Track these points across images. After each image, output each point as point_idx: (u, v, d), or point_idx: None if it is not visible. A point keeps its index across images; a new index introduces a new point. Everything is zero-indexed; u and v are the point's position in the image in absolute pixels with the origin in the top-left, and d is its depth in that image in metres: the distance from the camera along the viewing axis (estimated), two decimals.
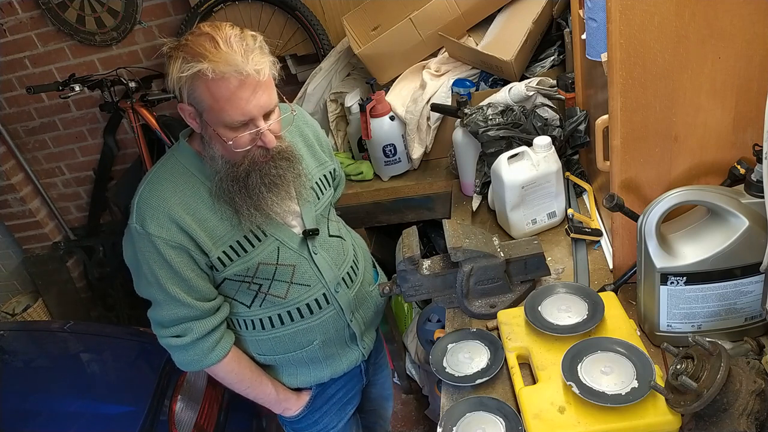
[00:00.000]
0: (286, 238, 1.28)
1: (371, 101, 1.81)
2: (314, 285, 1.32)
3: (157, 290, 1.20)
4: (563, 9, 1.76)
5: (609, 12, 0.94)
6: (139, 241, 1.18)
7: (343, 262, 1.40)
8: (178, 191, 1.18)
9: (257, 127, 1.12)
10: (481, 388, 1.07)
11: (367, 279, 1.50)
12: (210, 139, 1.15)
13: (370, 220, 2.02)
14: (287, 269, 1.28)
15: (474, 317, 1.26)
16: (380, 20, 2.00)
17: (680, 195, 0.94)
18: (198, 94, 1.07)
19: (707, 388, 0.79)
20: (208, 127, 1.12)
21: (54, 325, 2.68)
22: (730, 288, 0.97)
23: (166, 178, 1.20)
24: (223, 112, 1.08)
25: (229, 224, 1.21)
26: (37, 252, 3.22)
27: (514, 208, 1.43)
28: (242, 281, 1.26)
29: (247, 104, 1.08)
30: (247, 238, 1.23)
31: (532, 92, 1.63)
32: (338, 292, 1.36)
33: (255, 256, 1.24)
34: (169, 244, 1.16)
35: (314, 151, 1.39)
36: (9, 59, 2.77)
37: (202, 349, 1.26)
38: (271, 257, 1.26)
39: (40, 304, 3.20)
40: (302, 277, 1.30)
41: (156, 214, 1.16)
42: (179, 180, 1.20)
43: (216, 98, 1.07)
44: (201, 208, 1.19)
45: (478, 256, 1.22)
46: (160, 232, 1.16)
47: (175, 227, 1.16)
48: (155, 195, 1.18)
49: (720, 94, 0.98)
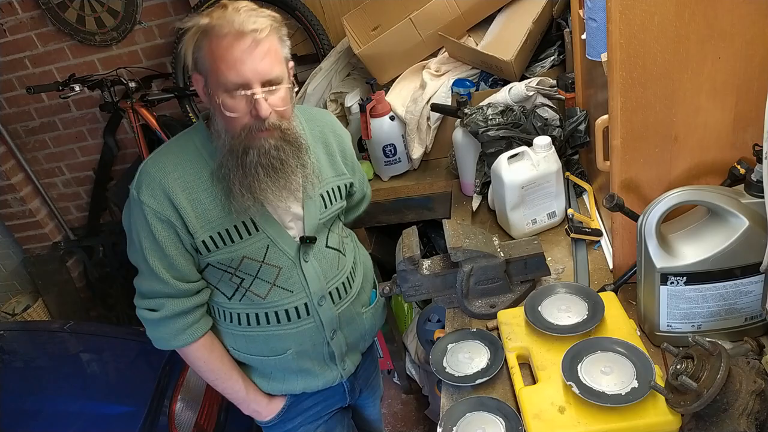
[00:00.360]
0: (279, 238, 1.25)
1: (371, 101, 1.81)
2: (297, 292, 1.29)
3: (141, 259, 1.21)
4: (563, 9, 1.76)
5: (609, 12, 0.94)
6: (133, 207, 1.19)
7: (335, 276, 1.35)
8: (180, 167, 1.18)
9: (252, 92, 1.09)
10: (481, 388, 1.07)
11: (361, 300, 1.44)
12: (214, 111, 1.14)
13: (370, 220, 2.02)
14: (272, 270, 1.25)
15: (474, 317, 1.26)
16: (380, 20, 2.00)
17: (680, 195, 0.94)
18: (202, 56, 1.09)
19: (707, 388, 0.79)
20: (212, 96, 1.11)
21: (54, 325, 2.68)
22: (730, 288, 0.97)
23: (173, 152, 1.20)
24: (219, 72, 1.07)
25: (222, 210, 1.19)
26: (37, 252, 3.22)
27: (514, 208, 1.43)
28: (225, 271, 1.25)
29: (242, 65, 1.06)
30: (236, 228, 1.21)
31: (532, 92, 1.63)
32: (321, 306, 1.32)
33: (240, 249, 1.22)
34: (157, 216, 1.16)
35: (334, 161, 1.35)
36: (9, 59, 2.77)
37: (173, 329, 1.24)
38: (258, 254, 1.23)
39: (40, 304, 3.20)
40: (286, 282, 1.27)
41: (152, 184, 1.16)
42: (186, 157, 1.19)
43: (214, 57, 1.06)
44: (199, 188, 1.18)
45: (478, 256, 1.22)
46: (151, 202, 1.16)
47: (167, 201, 1.16)
48: (157, 166, 1.18)
49: (720, 94, 0.98)
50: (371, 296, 1.50)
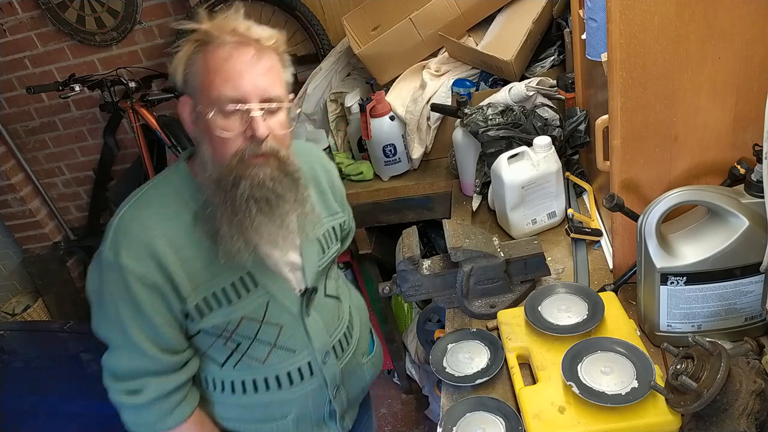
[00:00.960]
0: (280, 292, 1.10)
1: (371, 101, 1.81)
2: (300, 351, 1.14)
3: (118, 333, 1.02)
4: (563, 9, 1.76)
5: (609, 12, 0.94)
6: (108, 272, 0.99)
7: (337, 327, 1.22)
8: (165, 220, 1.01)
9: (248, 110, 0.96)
10: (481, 388, 1.07)
11: (361, 349, 1.31)
12: (202, 137, 0.99)
13: (370, 220, 2.02)
14: (273, 329, 1.10)
15: (474, 317, 1.26)
16: (380, 20, 2.00)
17: (680, 195, 0.94)
18: (194, 71, 0.96)
19: (707, 388, 0.79)
20: (200, 118, 0.97)
21: (54, 325, 2.68)
22: (730, 288, 0.97)
23: (153, 203, 1.03)
24: (212, 87, 0.94)
25: (215, 266, 1.02)
26: (37, 252, 3.22)
27: (514, 208, 1.43)
28: (219, 336, 1.08)
29: (240, 77, 0.94)
30: (234, 287, 1.05)
31: (532, 92, 1.63)
32: (326, 363, 1.17)
33: (240, 309, 1.06)
34: (142, 282, 0.98)
35: (326, 198, 1.23)
36: (9, 59, 2.77)
37: (159, 412, 1.06)
38: (258, 313, 1.08)
39: (40, 304, 3.20)
40: (288, 341, 1.12)
41: (134, 244, 0.98)
42: (169, 206, 1.02)
43: (209, 69, 0.95)
44: (187, 243, 1.01)
45: (478, 256, 1.22)
46: (135, 266, 0.97)
47: (154, 263, 0.98)
48: (138, 221, 1.00)
49: (720, 94, 0.98)
50: (370, 344, 1.38)
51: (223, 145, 0.97)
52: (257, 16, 2.38)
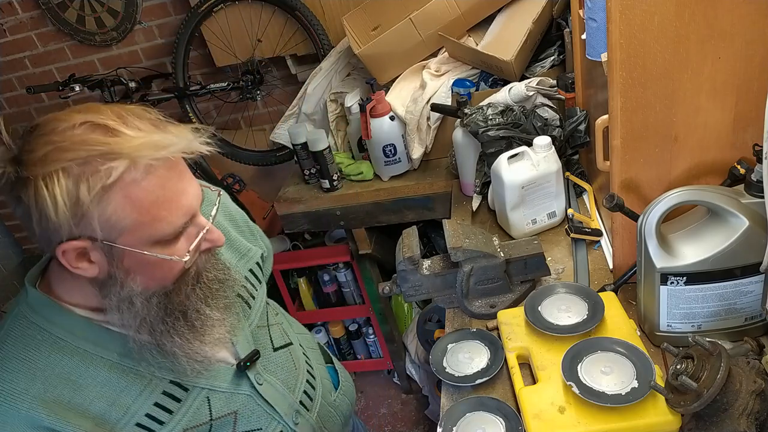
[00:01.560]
0: (216, 380, 0.93)
1: (371, 101, 1.81)
2: (267, 426, 1.00)
3: None
4: (563, 9, 1.76)
5: (609, 12, 0.94)
6: None
7: (297, 379, 1.08)
8: (37, 375, 0.79)
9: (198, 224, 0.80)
10: (481, 388, 1.07)
11: (326, 386, 1.18)
12: (126, 275, 0.78)
13: (370, 220, 2.02)
14: (227, 419, 0.94)
15: (474, 317, 1.26)
16: (380, 20, 2.00)
17: (680, 195, 0.94)
18: (110, 215, 0.71)
19: (707, 388, 0.79)
20: (125, 257, 0.76)
21: None
22: (730, 288, 0.97)
23: (13, 355, 0.79)
24: (157, 221, 0.75)
25: (128, 395, 0.84)
26: (37, 252, 3.22)
27: (514, 208, 1.43)
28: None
29: (185, 196, 0.77)
30: (159, 405, 0.87)
31: (532, 92, 1.63)
32: (298, 423, 1.04)
33: (176, 424, 0.88)
34: None
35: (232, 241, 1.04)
36: (9, 59, 2.77)
37: None
38: (201, 415, 0.91)
39: None
40: (249, 422, 0.97)
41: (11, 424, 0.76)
42: (35, 353, 0.80)
43: (145, 207, 0.73)
44: (75, 387, 0.81)
45: (478, 256, 1.22)
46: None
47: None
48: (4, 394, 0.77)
49: (720, 94, 0.98)
50: (330, 375, 1.25)
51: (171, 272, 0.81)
52: (257, 16, 2.38)
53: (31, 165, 0.69)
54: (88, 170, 0.69)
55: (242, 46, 2.43)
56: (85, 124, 0.71)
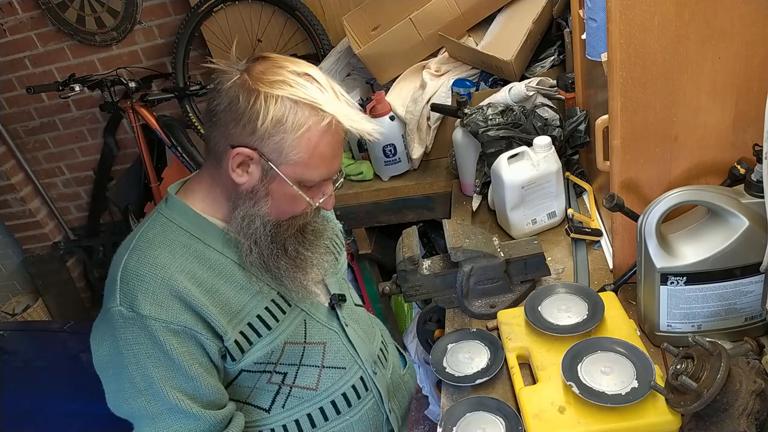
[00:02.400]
0: (312, 307, 1.04)
1: (371, 101, 1.81)
2: (350, 367, 1.07)
3: (150, 400, 0.86)
4: (563, 9, 1.76)
5: (609, 12, 0.94)
6: (125, 330, 0.86)
7: (374, 336, 1.17)
8: (176, 254, 0.91)
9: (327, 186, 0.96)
10: (481, 388, 1.07)
11: (396, 361, 1.25)
12: (265, 194, 0.92)
13: (370, 220, 2.02)
14: (317, 349, 1.02)
15: (474, 317, 1.26)
16: (380, 20, 2.00)
17: (680, 195, 0.94)
18: (290, 146, 0.87)
19: (707, 388, 0.79)
20: (274, 181, 0.91)
21: (54, 325, 2.68)
22: (730, 288, 0.97)
23: (157, 240, 0.92)
24: (314, 168, 0.91)
25: (246, 293, 0.95)
26: (37, 252, 3.22)
27: (514, 208, 1.43)
28: (263, 371, 0.98)
29: (336, 160, 0.94)
30: (269, 310, 0.97)
31: (532, 92, 1.63)
32: (376, 374, 1.11)
33: (281, 334, 0.97)
34: (170, 329, 0.86)
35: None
36: (9, 59, 2.77)
37: None
38: (298, 334, 1.00)
39: (40, 304, 3.20)
40: (335, 358, 1.05)
41: (151, 288, 0.86)
42: (176, 242, 0.92)
43: (314, 155, 0.89)
44: (209, 274, 0.92)
45: (478, 256, 1.22)
46: (158, 313, 0.85)
47: (179, 304, 0.87)
48: (146, 262, 0.88)
49: (720, 94, 0.98)
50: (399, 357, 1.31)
51: (293, 210, 0.96)
52: (257, 16, 2.38)
53: (259, 81, 0.86)
54: (298, 108, 0.86)
55: (242, 46, 2.42)
56: (305, 76, 0.89)
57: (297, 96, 0.86)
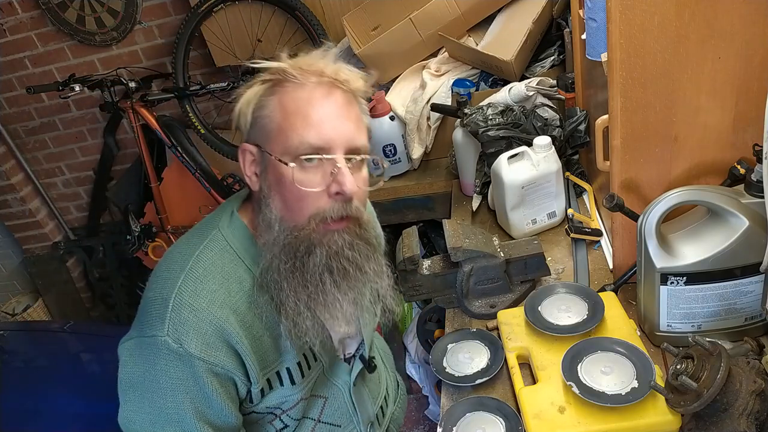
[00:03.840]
0: (331, 361, 0.98)
1: (371, 101, 1.81)
2: (345, 425, 1.02)
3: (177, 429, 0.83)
4: (563, 9, 1.76)
5: (609, 12, 0.94)
6: (167, 362, 0.80)
7: (379, 394, 1.11)
8: (231, 291, 0.84)
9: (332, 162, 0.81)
10: (481, 388, 1.07)
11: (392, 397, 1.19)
12: (271, 189, 0.84)
13: None
14: (317, 401, 0.98)
15: (474, 317, 1.26)
16: (380, 20, 2.00)
17: (680, 195, 0.94)
18: (265, 114, 0.82)
19: (707, 388, 0.79)
20: (271, 168, 0.83)
21: (54, 325, 2.68)
22: (730, 288, 0.97)
23: (216, 270, 0.84)
24: (291, 131, 0.80)
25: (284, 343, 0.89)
26: (37, 252, 3.21)
27: (514, 208, 1.43)
28: (269, 413, 0.94)
29: (323, 122, 0.81)
30: (299, 366, 0.91)
31: (532, 92, 1.63)
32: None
33: (301, 390, 0.92)
34: (213, 371, 0.82)
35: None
36: (9, 59, 2.77)
37: None
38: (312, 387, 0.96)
39: (40, 304, 3.20)
40: (333, 415, 0.99)
41: (204, 327, 0.81)
42: (232, 276, 0.85)
43: (286, 111, 0.81)
44: (255, 319, 0.86)
45: (478, 256, 1.22)
46: (206, 354, 0.80)
47: (227, 348, 0.82)
48: (203, 296, 0.82)
49: (720, 94, 0.98)
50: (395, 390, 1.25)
51: (301, 202, 0.82)
52: (257, 16, 2.38)
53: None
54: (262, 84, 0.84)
55: (242, 46, 2.42)
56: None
57: (263, 77, 0.84)
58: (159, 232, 2.66)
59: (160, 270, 0.87)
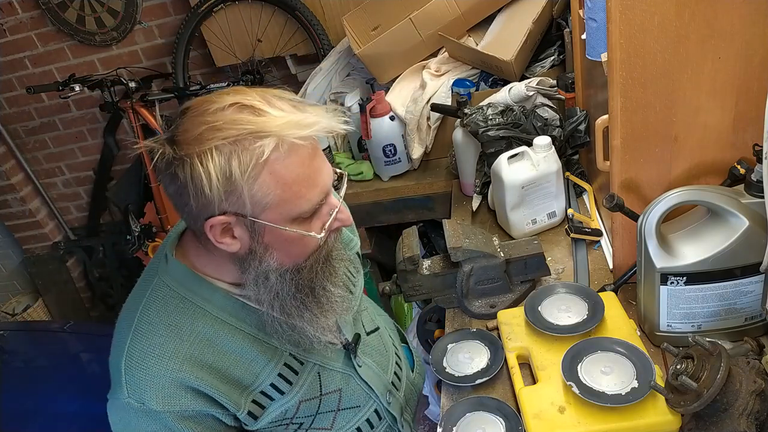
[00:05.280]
0: (326, 357, 0.99)
1: (371, 101, 1.81)
2: (364, 404, 1.06)
3: None
4: (563, 9, 1.76)
5: (609, 12, 0.94)
6: (138, 420, 0.84)
7: (388, 362, 1.14)
8: (181, 339, 0.84)
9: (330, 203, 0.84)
10: (481, 388, 1.07)
11: (407, 365, 1.24)
12: (265, 251, 0.83)
13: (370, 220, 2.02)
14: (333, 397, 1.00)
15: (474, 317, 1.26)
16: (380, 20, 2.00)
17: (680, 195, 0.94)
18: (257, 191, 0.76)
19: (707, 388, 0.79)
20: (266, 233, 0.81)
21: (54, 325, 2.69)
22: (730, 288, 0.97)
23: (162, 322, 0.85)
24: (299, 198, 0.79)
25: (257, 364, 0.90)
26: (37, 252, 3.22)
27: (514, 208, 1.43)
28: (279, 425, 0.96)
29: (321, 175, 0.81)
30: (282, 376, 0.93)
31: (532, 92, 1.63)
32: (390, 403, 1.10)
33: (294, 395, 0.94)
34: (183, 416, 0.84)
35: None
36: (9, 59, 2.77)
37: None
38: (313, 389, 0.97)
39: (40, 304, 3.20)
40: (350, 400, 1.03)
41: (159, 382, 0.82)
42: (182, 323, 0.85)
43: (288, 184, 0.77)
44: (217, 357, 0.87)
45: (478, 256, 1.22)
46: (169, 405, 0.83)
47: (190, 393, 0.84)
48: (151, 353, 0.83)
49: (720, 94, 0.98)
50: (406, 354, 1.29)
51: (305, 248, 0.85)
52: (257, 16, 2.38)
53: (186, 144, 0.75)
54: (238, 148, 0.74)
55: (242, 46, 2.43)
56: (234, 105, 0.76)
57: (231, 135, 0.74)
58: (159, 232, 2.66)
59: (115, 331, 0.89)
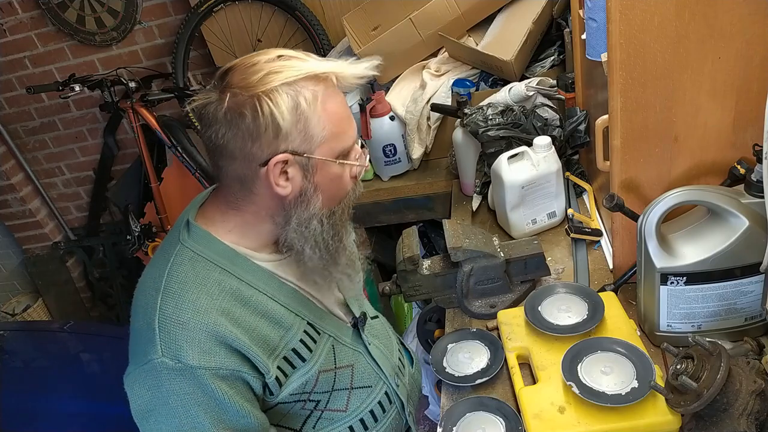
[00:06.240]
0: (338, 330, 1.02)
1: (371, 101, 1.81)
2: (376, 384, 1.07)
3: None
4: (563, 9, 1.76)
5: (609, 12, 0.94)
6: (171, 381, 0.82)
7: (393, 347, 1.17)
8: (215, 296, 0.86)
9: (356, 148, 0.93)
10: (481, 388, 1.07)
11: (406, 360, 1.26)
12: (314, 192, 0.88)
13: (370, 220, 2.02)
14: (346, 372, 1.02)
15: (474, 317, 1.26)
16: (380, 20, 2.00)
17: (680, 195, 0.94)
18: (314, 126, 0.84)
19: (707, 388, 0.79)
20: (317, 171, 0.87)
21: (54, 325, 2.69)
22: (730, 288, 0.97)
23: (190, 280, 0.86)
24: (344, 133, 0.88)
25: (281, 327, 0.92)
26: (37, 252, 3.22)
27: (514, 208, 1.43)
28: (297, 401, 0.96)
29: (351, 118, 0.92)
30: (303, 342, 0.94)
31: (532, 92, 1.63)
32: (398, 386, 1.12)
33: (315, 363, 0.95)
34: (219, 375, 0.83)
35: None
36: (9, 59, 2.78)
37: None
38: (329, 361, 0.98)
39: (40, 304, 3.20)
40: (362, 378, 1.04)
41: (196, 336, 0.82)
42: (209, 280, 0.87)
43: (337, 120, 0.87)
44: (246, 313, 0.88)
45: (478, 256, 1.22)
46: (206, 361, 0.82)
47: (225, 349, 0.84)
48: (186, 308, 0.84)
49: (720, 94, 0.98)
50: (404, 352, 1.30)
51: (344, 191, 0.94)
52: (257, 16, 2.38)
53: (250, 87, 0.81)
54: (298, 87, 0.82)
55: (242, 46, 2.43)
56: (281, 57, 0.85)
57: (291, 77, 0.82)
58: (159, 232, 2.66)
59: (137, 299, 0.90)
